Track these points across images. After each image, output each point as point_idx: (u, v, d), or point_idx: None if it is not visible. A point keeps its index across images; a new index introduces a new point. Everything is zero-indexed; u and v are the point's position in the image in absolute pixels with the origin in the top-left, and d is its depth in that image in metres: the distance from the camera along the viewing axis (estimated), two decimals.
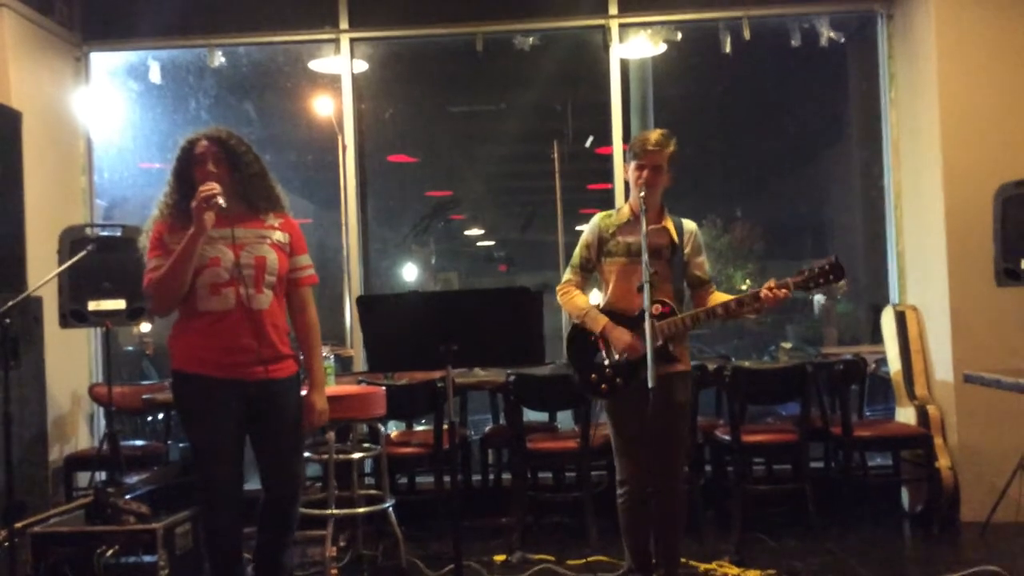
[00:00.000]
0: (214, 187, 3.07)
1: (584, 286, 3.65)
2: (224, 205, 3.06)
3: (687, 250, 3.56)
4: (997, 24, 4.98)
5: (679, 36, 5.80)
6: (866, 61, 5.86)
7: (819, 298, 7.43)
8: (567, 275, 3.67)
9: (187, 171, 3.20)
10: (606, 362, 3.50)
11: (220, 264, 3.14)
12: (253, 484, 3.37)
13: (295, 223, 3.39)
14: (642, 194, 3.43)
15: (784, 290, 3.32)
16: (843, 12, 5.72)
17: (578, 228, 7.11)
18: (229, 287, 3.13)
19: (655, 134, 3.51)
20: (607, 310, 3.56)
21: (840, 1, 5.67)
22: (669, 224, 3.57)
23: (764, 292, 3.33)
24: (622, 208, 3.64)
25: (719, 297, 3.53)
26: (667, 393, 3.36)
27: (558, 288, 3.68)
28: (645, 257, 3.25)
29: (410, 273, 8.74)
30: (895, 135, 5.63)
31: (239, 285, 3.14)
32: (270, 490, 3.31)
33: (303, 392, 3.41)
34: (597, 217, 3.66)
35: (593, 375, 3.52)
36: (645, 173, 3.45)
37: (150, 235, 3.22)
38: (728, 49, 5.64)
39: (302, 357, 3.44)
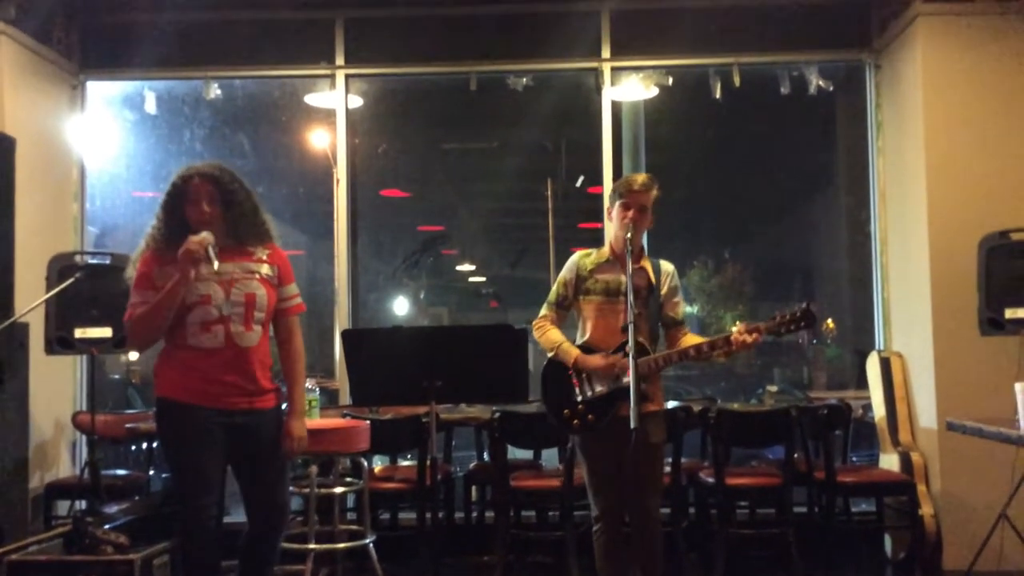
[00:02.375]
0: (204, 240, 3.06)
1: (559, 323, 3.67)
2: (215, 263, 3.05)
3: (663, 291, 3.60)
4: (982, 75, 5.07)
5: (670, 81, 5.87)
6: (854, 109, 5.94)
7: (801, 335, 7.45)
8: (543, 311, 3.68)
9: (178, 206, 3.19)
10: (579, 398, 3.51)
11: (211, 302, 3.15)
12: (236, 517, 3.35)
13: (283, 253, 3.40)
14: (628, 234, 3.47)
15: (755, 334, 3.35)
16: (831, 61, 5.81)
17: None
18: (219, 325, 3.15)
19: (641, 176, 3.59)
20: (584, 347, 3.57)
21: (828, 51, 5.76)
22: (647, 265, 3.62)
23: (735, 336, 3.37)
24: (602, 248, 3.68)
25: (692, 339, 3.55)
26: (642, 434, 3.37)
27: (534, 324, 3.69)
28: (631, 298, 3.28)
29: (401, 307, 8.74)
30: (882, 183, 5.70)
31: (229, 323, 3.16)
32: (255, 522, 3.29)
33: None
34: (576, 256, 3.69)
35: (566, 411, 3.53)
36: (631, 212, 3.50)
37: (137, 267, 3.21)
38: (718, 95, 5.72)
39: (285, 387, 3.45)
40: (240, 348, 3.17)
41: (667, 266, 3.66)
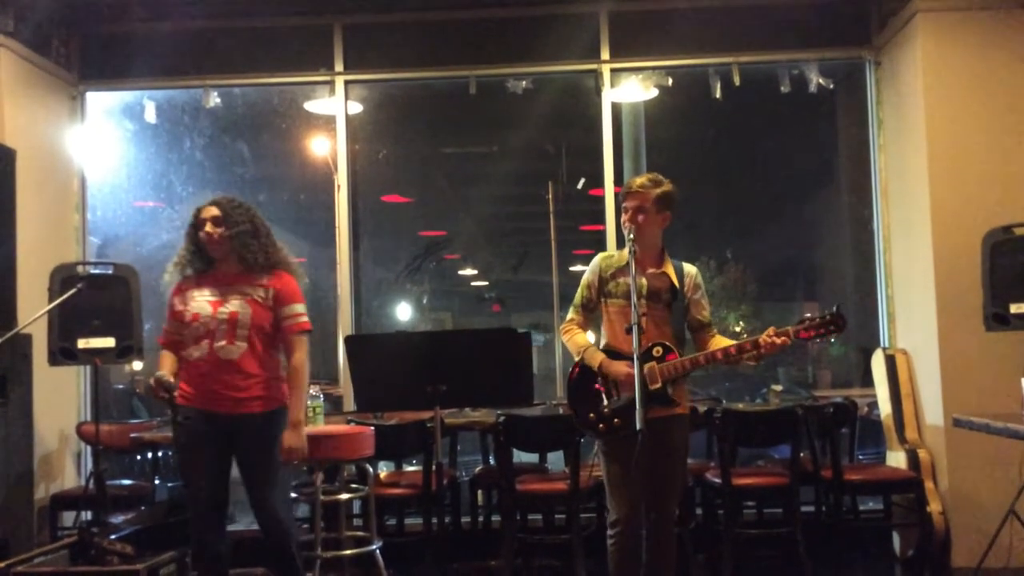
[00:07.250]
0: (159, 379, 3.47)
1: (586, 325, 3.68)
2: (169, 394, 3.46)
3: (687, 293, 3.59)
4: (983, 71, 5.06)
5: (670, 81, 5.87)
6: (855, 107, 5.93)
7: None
8: (570, 314, 3.69)
9: (193, 233, 3.65)
10: (605, 402, 3.50)
11: (199, 319, 3.56)
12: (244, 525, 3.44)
13: (288, 278, 3.67)
14: (631, 236, 3.46)
15: (784, 338, 3.33)
16: (831, 59, 5.80)
17: (571, 269, 7.15)
18: (205, 339, 3.54)
19: (641, 177, 3.58)
20: (606, 350, 3.57)
21: (828, 48, 5.75)
22: (669, 268, 3.60)
23: (764, 339, 3.34)
24: (622, 251, 3.67)
25: (720, 341, 3.54)
26: (664, 436, 3.36)
27: (561, 327, 3.70)
28: (634, 299, 3.27)
29: (404, 312, 8.73)
30: (884, 180, 5.69)
31: (213, 338, 3.52)
32: (260, 527, 3.55)
33: None
34: (597, 258, 3.69)
35: (592, 414, 3.52)
36: (629, 213, 3.50)
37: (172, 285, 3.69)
38: (718, 94, 5.72)
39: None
40: (221, 360, 3.51)
41: (690, 268, 3.65)
